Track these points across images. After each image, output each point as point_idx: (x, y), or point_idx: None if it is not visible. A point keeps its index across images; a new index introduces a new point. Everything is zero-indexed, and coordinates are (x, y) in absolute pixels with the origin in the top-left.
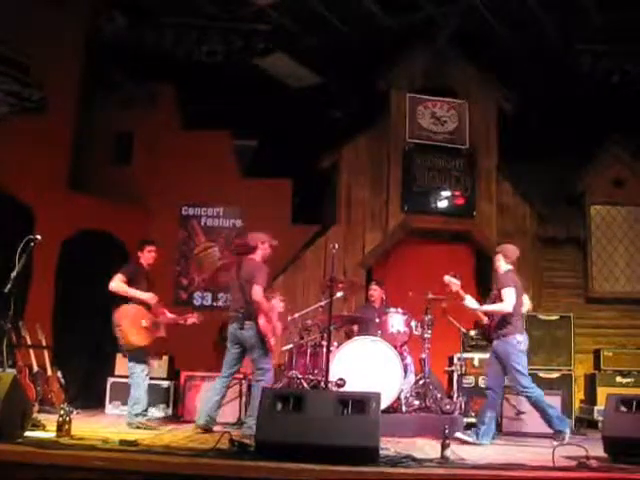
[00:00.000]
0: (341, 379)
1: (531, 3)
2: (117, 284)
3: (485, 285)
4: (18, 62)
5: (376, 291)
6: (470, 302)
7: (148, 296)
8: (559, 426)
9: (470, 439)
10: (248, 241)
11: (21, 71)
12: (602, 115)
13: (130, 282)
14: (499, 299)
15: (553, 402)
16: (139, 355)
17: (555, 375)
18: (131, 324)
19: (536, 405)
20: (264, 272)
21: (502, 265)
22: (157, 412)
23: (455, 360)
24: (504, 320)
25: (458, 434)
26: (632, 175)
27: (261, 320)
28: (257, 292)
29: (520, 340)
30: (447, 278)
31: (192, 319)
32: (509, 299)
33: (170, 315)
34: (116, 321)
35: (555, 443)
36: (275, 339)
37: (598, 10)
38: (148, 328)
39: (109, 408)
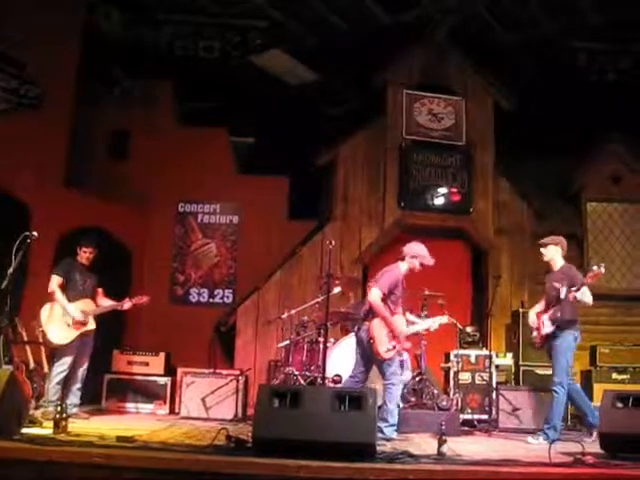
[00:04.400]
0: (338, 375)
1: (528, 1)
2: (53, 288)
3: (481, 281)
4: (15, 59)
5: None
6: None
7: (72, 312)
8: (548, 429)
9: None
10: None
11: (18, 68)
12: (598, 112)
13: (65, 280)
14: (560, 294)
15: (549, 399)
16: (61, 352)
17: (551, 372)
18: (53, 323)
19: (554, 403)
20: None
21: (559, 259)
22: (156, 409)
23: (451, 357)
24: (565, 316)
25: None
26: (628, 172)
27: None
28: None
29: (576, 337)
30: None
31: (127, 303)
32: (589, 293)
33: (105, 304)
34: (39, 321)
35: (530, 438)
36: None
37: (594, 9)
38: (73, 324)
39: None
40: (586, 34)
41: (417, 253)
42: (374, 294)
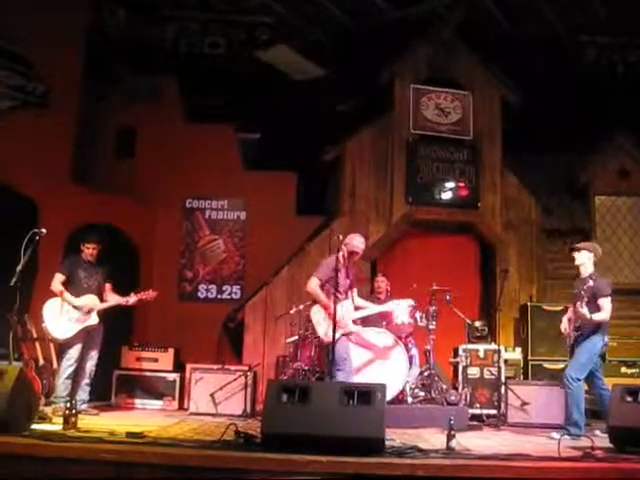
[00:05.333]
0: None
1: None
2: (55, 286)
3: (489, 276)
4: (21, 56)
5: (383, 282)
6: (585, 311)
7: (78, 303)
8: (569, 426)
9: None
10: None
11: (25, 65)
12: (606, 106)
13: (68, 278)
14: (592, 303)
15: (558, 394)
16: (66, 346)
17: (560, 366)
18: (55, 318)
19: (569, 398)
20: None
21: (589, 266)
22: (165, 405)
23: (460, 351)
24: (599, 323)
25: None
26: (636, 166)
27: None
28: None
29: (604, 342)
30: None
31: (133, 298)
32: (608, 309)
33: (111, 300)
34: (42, 316)
35: (554, 434)
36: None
37: (602, 2)
38: (76, 319)
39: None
40: (594, 27)
41: (347, 242)
42: (311, 283)
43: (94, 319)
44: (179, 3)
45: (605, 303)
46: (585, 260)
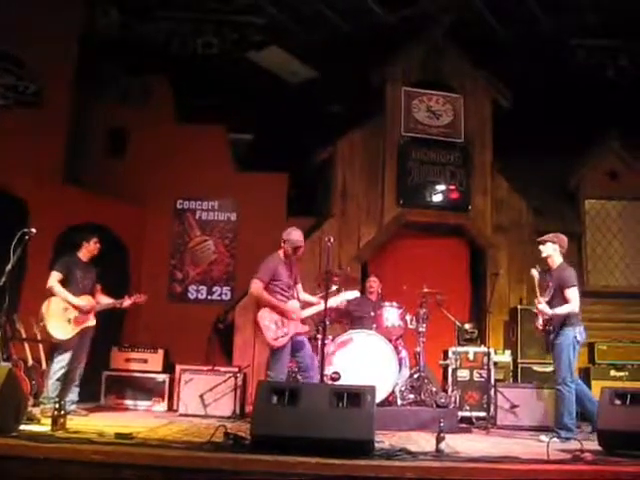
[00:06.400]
0: (336, 372)
1: None
2: (53, 284)
3: (479, 279)
4: (13, 55)
5: (375, 283)
6: (543, 307)
7: (78, 302)
8: (559, 429)
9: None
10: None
11: (16, 64)
12: (597, 109)
13: (66, 277)
14: (561, 295)
15: (548, 396)
16: (61, 347)
17: (549, 369)
18: (55, 319)
19: (560, 402)
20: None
21: (557, 257)
22: (155, 406)
23: (450, 354)
24: (566, 316)
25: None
26: (627, 169)
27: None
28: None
29: (576, 334)
30: (534, 273)
31: (127, 301)
32: (575, 299)
33: (105, 301)
34: (40, 316)
35: (543, 437)
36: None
37: (592, 5)
38: (74, 320)
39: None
40: (584, 31)
41: (287, 238)
42: (254, 286)
43: (92, 320)
44: (171, 3)
45: (571, 294)
46: (551, 251)
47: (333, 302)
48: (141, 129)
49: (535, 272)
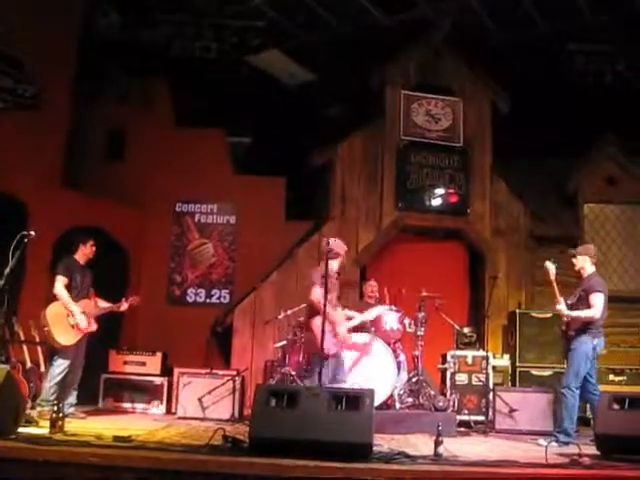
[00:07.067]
0: None
1: (525, 3)
2: (61, 291)
3: (478, 283)
4: (12, 58)
5: (375, 287)
6: (562, 307)
7: (78, 316)
8: (558, 433)
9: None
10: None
11: (15, 66)
12: (595, 114)
13: (69, 281)
14: (586, 301)
15: (546, 400)
16: (63, 352)
17: (548, 373)
18: (59, 324)
19: (563, 407)
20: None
21: (588, 267)
22: (153, 409)
23: (448, 357)
24: (587, 322)
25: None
26: (625, 174)
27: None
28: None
29: (595, 345)
30: (548, 265)
31: (124, 305)
32: (598, 305)
33: (103, 305)
34: (44, 321)
35: (542, 441)
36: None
37: (591, 10)
38: (77, 325)
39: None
40: (583, 36)
41: (334, 248)
42: (317, 292)
43: (94, 326)
44: (171, 7)
45: (595, 299)
46: (583, 263)
47: (369, 316)
48: (140, 132)
49: (550, 264)
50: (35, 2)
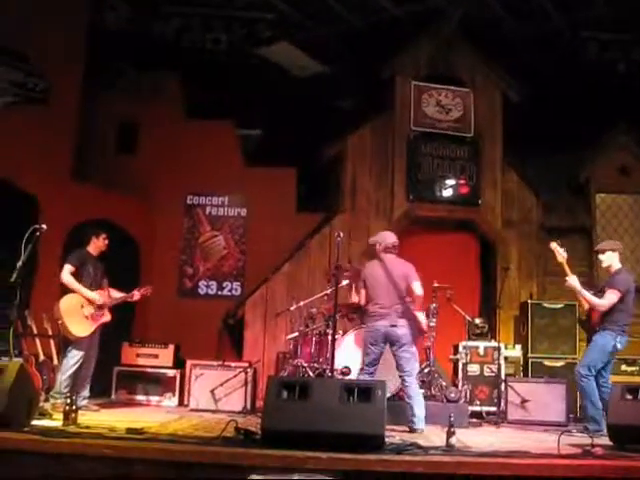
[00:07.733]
0: (346, 367)
1: None
2: (68, 277)
3: (489, 273)
4: (21, 52)
5: None
6: (573, 280)
7: (93, 296)
8: (587, 423)
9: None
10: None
11: (24, 61)
12: (608, 103)
13: (77, 270)
14: (604, 293)
15: (558, 391)
16: (77, 344)
17: (560, 363)
18: (73, 316)
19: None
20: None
21: (615, 263)
22: (166, 401)
23: (460, 348)
24: (609, 316)
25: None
26: (638, 163)
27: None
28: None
29: (617, 342)
30: (554, 245)
31: (137, 295)
32: (609, 300)
33: (116, 295)
34: (57, 314)
35: (574, 431)
36: None
37: (605, 0)
38: (91, 316)
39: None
40: (596, 24)
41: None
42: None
43: (108, 316)
44: None
45: (610, 294)
46: (611, 261)
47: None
48: (151, 125)
49: (555, 245)
50: None
